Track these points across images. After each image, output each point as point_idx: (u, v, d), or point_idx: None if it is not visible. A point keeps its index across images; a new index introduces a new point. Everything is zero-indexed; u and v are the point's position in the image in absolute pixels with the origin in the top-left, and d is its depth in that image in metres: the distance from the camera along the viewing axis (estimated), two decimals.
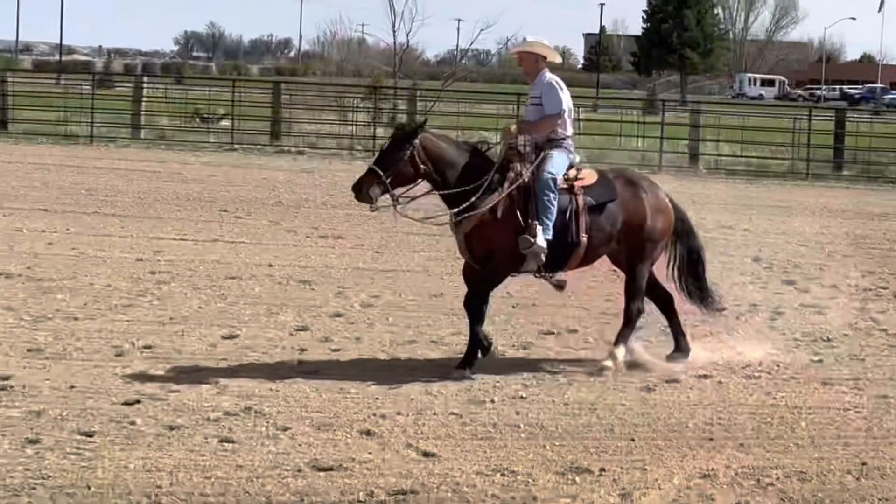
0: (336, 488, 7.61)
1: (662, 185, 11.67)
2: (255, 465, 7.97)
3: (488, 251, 10.56)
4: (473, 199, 10.41)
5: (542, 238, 10.40)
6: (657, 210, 11.05)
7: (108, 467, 7.80)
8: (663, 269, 11.44)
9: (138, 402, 9.21)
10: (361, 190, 10.35)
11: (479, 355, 10.58)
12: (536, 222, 10.41)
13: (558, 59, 11.17)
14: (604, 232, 10.77)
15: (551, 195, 10.48)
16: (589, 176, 10.88)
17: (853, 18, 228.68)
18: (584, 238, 10.63)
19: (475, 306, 10.62)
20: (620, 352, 10.79)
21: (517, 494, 7.65)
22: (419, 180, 10.50)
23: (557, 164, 10.66)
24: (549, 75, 10.92)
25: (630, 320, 10.99)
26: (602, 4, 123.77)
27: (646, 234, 10.94)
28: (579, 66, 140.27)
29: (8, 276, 13.98)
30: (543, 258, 10.47)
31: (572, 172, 10.79)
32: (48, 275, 14.16)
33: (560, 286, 11.05)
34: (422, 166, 10.41)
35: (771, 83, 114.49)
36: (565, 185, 10.66)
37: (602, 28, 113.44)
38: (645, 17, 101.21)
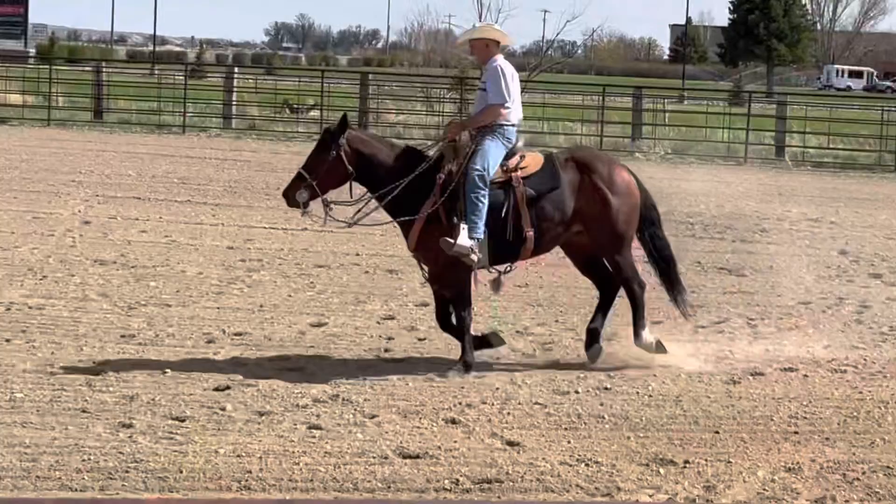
0: (422, 476, 7.68)
1: (747, 175, 11.57)
2: (343, 451, 8.06)
3: (435, 259, 10.21)
4: (397, 192, 10.05)
5: (465, 238, 9.91)
6: (616, 192, 10.44)
7: (199, 452, 7.92)
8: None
9: (229, 388, 9.36)
10: (289, 196, 10.16)
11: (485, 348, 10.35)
12: (462, 222, 9.96)
13: (509, 42, 10.80)
14: (552, 221, 10.26)
15: (479, 192, 9.96)
16: (533, 162, 10.31)
17: None
18: (529, 233, 10.16)
19: (463, 318, 10.24)
20: (646, 334, 10.59)
21: (601, 485, 7.68)
22: (351, 181, 10.20)
23: (490, 156, 10.10)
24: (498, 61, 10.36)
25: (637, 303, 10.66)
26: None
27: (608, 218, 10.39)
28: (665, 57, 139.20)
29: (102, 263, 14.24)
30: (475, 258, 9.99)
31: (514, 161, 10.27)
32: (141, 262, 14.41)
33: (497, 288, 10.65)
34: (349, 167, 10.09)
35: (859, 75, 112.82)
36: (502, 178, 10.18)
37: (688, 19, 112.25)
38: (731, 7, 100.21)
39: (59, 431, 8.20)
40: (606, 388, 9.80)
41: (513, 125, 10.35)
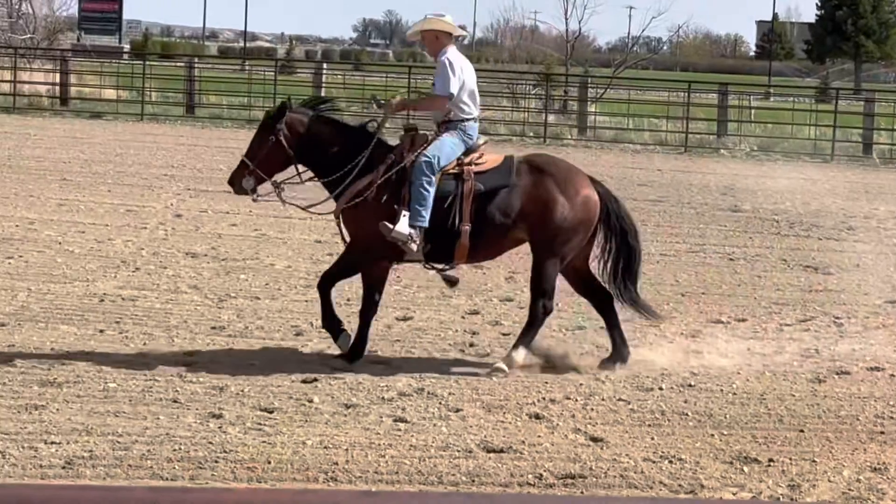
0: (506, 470, 7.73)
1: (834, 172, 11.43)
2: (428, 444, 8.13)
3: (356, 234, 10.14)
4: (347, 179, 9.98)
5: (404, 225, 9.74)
6: (568, 200, 10.02)
7: (286, 443, 8.02)
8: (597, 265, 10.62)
9: (316, 380, 9.47)
10: (234, 183, 10.19)
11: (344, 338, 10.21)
12: (404, 209, 9.82)
13: (459, 33, 10.56)
14: (494, 221, 9.95)
15: (424, 180, 9.81)
16: (491, 160, 10.11)
17: None
18: (465, 227, 9.91)
19: (323, 289, 10.17)
20: (519, 355, 10.02)
21: (684, 482, 7.68)
22: (297, 165, 10.20)
23: (444, 147, 9.97)
24: (448, 53, 10.20)
25: (535, 320, 10.13)
26: None
27: (551, 225, 9.99)
28: (751, 53, 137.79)
29: (194, 256, 14.46)
30: (415, 247, 9.82)
31: (472, 156, 10.07)
32: (231, 255, 14.61)
33: (451, 281, 10.48)
34: (289, 150, 10.08)
35: None
36: (454, 170, 10.00)
37: (775, 15, 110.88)
38: (819, 3, 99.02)
39: (150, 421, 8.35)
40: (690, 386, 9.79)
41: (472, 119, 10.24)
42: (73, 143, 26.85)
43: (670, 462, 8.00)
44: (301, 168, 10.30)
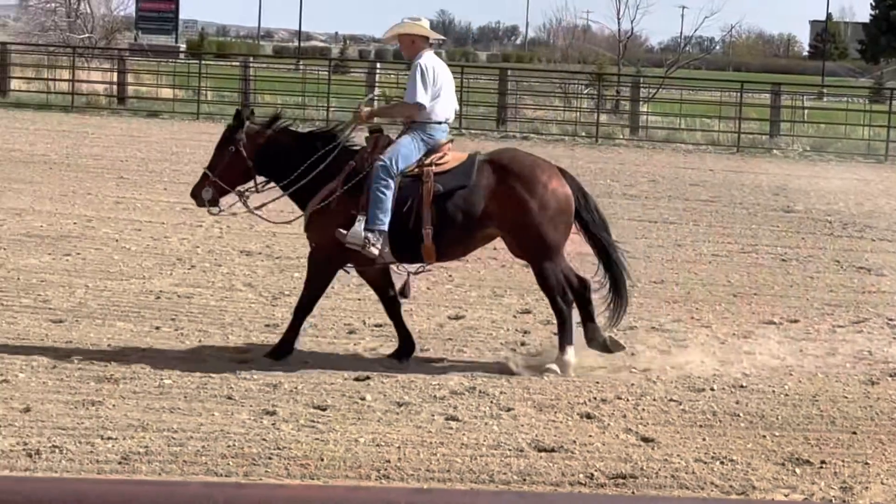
0: (557, 469, 7.74)
1: (888, 173, 11.35)
2: (479, 443, 8.15)
3: (316, 242, 10.16)
4: (309, 186, 9.99)
5: (359, 230, 9.73)
6: (535, 197, 9.89)
7: (339, 440, 8.06)
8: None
9: (368, 378, 9.52)
10: (197, 195, 10.22)
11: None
12: (360, 214, 9.79)
13: (434, 37, 10.43)
14: (456, 222, 9.89)
15: (381, 183, 9.75)
16: (453, 160, 10.01)
17: None
18: (427, 230, 9.85)
19: (304, 305, 10.19)
20: (570, 356, 9.99)
21: (736, 483, 7.66)
22: (258, 176, 10.19)
23: (401, 150, 9.90)
24: (422, 57, 10.08)
25: (563, 317, 10.08)
26: None
27: (528, 226, 9.90)
28: (804, 53, 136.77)
29: (249, 254, 14.59)
30: (375, 251, 9.76)
31: (435, 156, 9.98)
32: (285, 253, 14.70)
33: (404, 293, 10.39)
34: (248, 161, 10.07)
35: None
36: (415, 172, 9.93)
37: (828, 15, 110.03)
38: (873, 3, 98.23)
39: (205, 417, 8.43)
40: (742, 386, 9.77)
41: (439, 122, 10.13)
42: (130, 142, 27.12)
43: (722, 463, 7.99)
44: (262, 179, 10.33)
